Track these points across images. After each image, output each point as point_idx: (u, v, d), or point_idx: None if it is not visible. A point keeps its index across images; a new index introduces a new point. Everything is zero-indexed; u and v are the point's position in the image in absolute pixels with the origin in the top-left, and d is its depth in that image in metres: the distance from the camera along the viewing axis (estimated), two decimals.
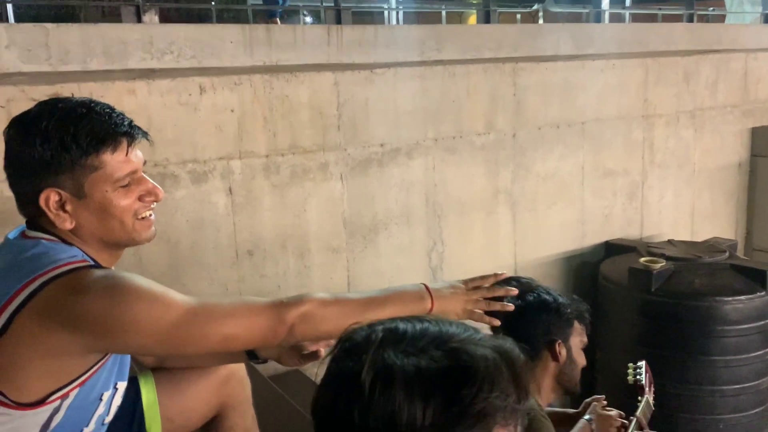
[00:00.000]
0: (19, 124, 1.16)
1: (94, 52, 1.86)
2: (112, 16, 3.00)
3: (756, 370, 2.92)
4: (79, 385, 1.15)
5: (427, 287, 1.31)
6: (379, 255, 2.80)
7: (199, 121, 2.33)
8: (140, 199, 1.20)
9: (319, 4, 3.14)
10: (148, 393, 1.38)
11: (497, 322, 1.35)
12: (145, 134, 1.21)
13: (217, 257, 2.44)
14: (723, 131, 3.92)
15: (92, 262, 1.16)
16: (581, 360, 1.71)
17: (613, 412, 1.85)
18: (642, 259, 3.02)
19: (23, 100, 2.00)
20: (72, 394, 1.15)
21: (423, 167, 2.86)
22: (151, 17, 2.28)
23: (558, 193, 3.31)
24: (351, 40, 2.39)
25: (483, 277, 1.36)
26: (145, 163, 1.23)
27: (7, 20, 2.48)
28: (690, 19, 3.92)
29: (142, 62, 1.94)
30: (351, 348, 0.71)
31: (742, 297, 2.84)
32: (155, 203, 1.24)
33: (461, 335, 0.71)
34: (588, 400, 1.89)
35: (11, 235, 1.21)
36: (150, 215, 1.23)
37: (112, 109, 1.18)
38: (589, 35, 3.12)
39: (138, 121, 2.06)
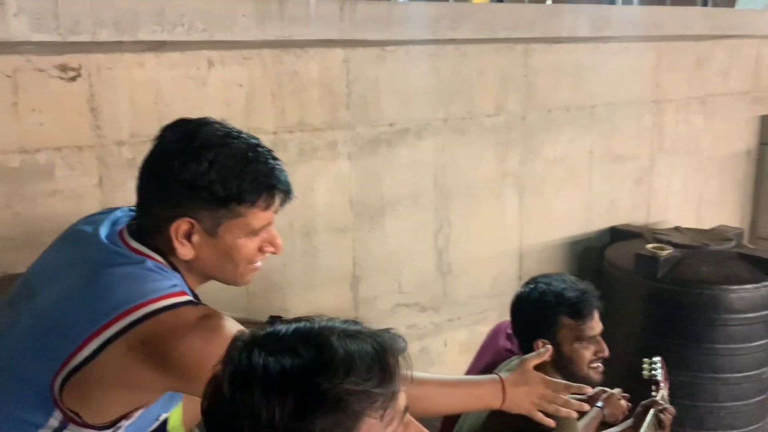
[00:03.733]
0: (185, 140, 1.11)
1: (104, 22, 1.82)
2: None
3: (759, 359, 2.92)
4: (143, 407, 1.14)
5: (502, 380, 1.31)
6: (386, 236, 2.78)
7: (208, 95, 2.29)
8: (260, 249, 1.17)
9: None
10: None
11: (552, 423, 1.32)
12: (292, 194, 1.18)
13: None
14: (733, 118, 3.89)
15: (190, 294, 1.13)
16: (583, 354, 1.66)
17: (624, 403, 1.85)
18: (649, 246, 3.01)
19: (29, 69, 1.96)
20: (135, 415, 1.14)
21: (432, 148, 2.83)
22: None
23: (566, 177, 3.28)
24: (364, 16, 2.34)
25: (567, 385, 1.33)
26: (276, 211, 1.19)
27: None
28: (704, 3, 3.86)
29: (153, 34, 1.89)
30: (227, 352, 0.74)
31: (749, 286, 2.82)
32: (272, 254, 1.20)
33: (334, 329, 0.74)
34: (596, 389, 1.89)
35: (104, 233, 1.16)
36: (260, 264, 1.20)
37: (274, 158, 1.15)
38: (607, 17, 3.07)
39: (147, 95, 2.03)
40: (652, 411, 1.77)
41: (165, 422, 1.33)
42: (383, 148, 2.70)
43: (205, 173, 1.08)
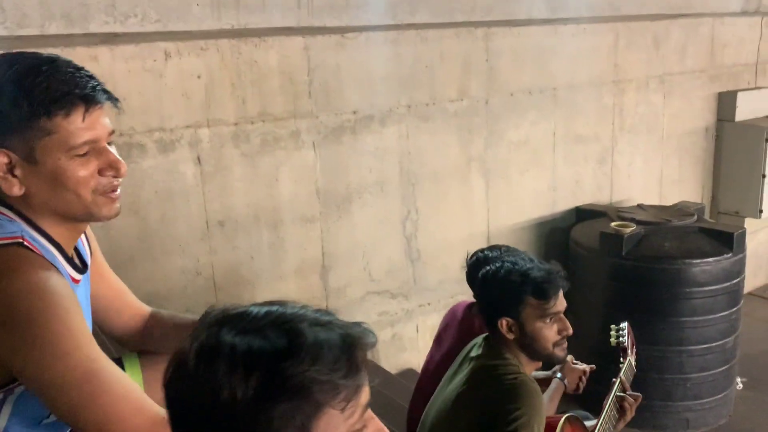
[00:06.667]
0: None
1: (53, 15, 1.76)
2: None
3: (722, 329, 2.99)
4: (16, 384, 1.07)
5: None
6: (354, 225, 2.77)
7: (165, 88, 2.25)
8: (100, 173, 1.10)
9: None
10: (133, 376, 1.32)
11: None
12: (112, 99, 1.10)
13: (187, 229, 2.38)
14: (691, 96, 3.96)
15: (26, 240, 1.07)
16: (546, 333, 1.65)
17: (580, 366, 1.89)
18: (613, 224, 3.05)
19: None
20: (16, 391, 1.08)
21: (396, 135, 2.82)
22: None
23: (530, 159, 3.31)
24: (322, 2, 2.32)
25: None
26: (112, 133, 1.11)
27: None
28: None
29: (105, 26, 1.85)
30: (196, 326, 0.73)
31: (710, 259, 2.89)
32: (118, 179, 1.12)
33: (305, 317, 0.73)
34: (560, 365, 1.93)
35: None
36: (113, 192, 1.13)
37: (77, 69, 1.07)
38: None
39: None
40: (612, 394, 1.79)
41: None
42: (347, 136, 2.69)
43: None
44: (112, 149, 1.13)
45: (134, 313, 1.44)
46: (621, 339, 1.96)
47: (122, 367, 1.31)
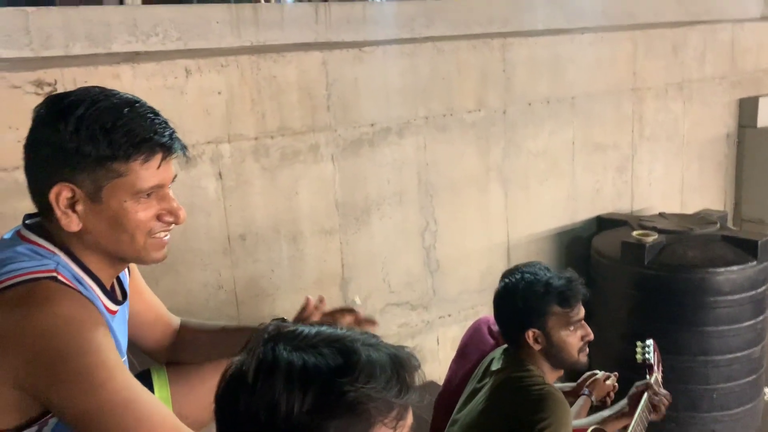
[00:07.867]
0: (54, 105, 1.05)
1: (76, 36, 1.81)
2: (90, 2, 2.90)
3: (748, 339, 2.94)
4: (49, 414, 1.05)
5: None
6: (373, 236, 2.78)
7: (186, 104, 2.28)
8: (159, 218, 1.10)
9: None
10: (160, 388, 1.33)
11: None
12: (183, 149, 1.11)
13: (209, 243, 2.41)
14: (711, 103, 3.92)
15: (60, 274, 1.04)
16: (571, 341, 1.68)
17: (610, 382, 1.88)
18: (634, 233, 3.03)
19: (3, 86, 1.94)
20: (50, 422, 1.07)
21: (414, 146, 2.83)
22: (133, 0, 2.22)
23: (549, 169, 3.30)
24: (339, 17, 2.34)
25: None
26: (175, 177, 1.12)
27: None
28: None
29: (127, 45, 1.89)
30: (249, 344, 0.76)
31: (734, 267, 2.85)
32: (174, 225, 1.13)
33: (355, 338, 0.76)
34: (585, 375, 1.92)
35: (7, 235, 1.12)
36: (165, 236, 1.13)
37: (156, 114, 1.08)
38: (579, 8, 3.09)
39: None
40: (645, 395, 1.79)
41: None
42: (366, 148, 2.71)
43: (73, 133, 1.01)
44: (171, 193, 1.14)
45: (166, 326, 1.45)
46: (647, 356, 1.94)
47: (150, 379, 1.32)
